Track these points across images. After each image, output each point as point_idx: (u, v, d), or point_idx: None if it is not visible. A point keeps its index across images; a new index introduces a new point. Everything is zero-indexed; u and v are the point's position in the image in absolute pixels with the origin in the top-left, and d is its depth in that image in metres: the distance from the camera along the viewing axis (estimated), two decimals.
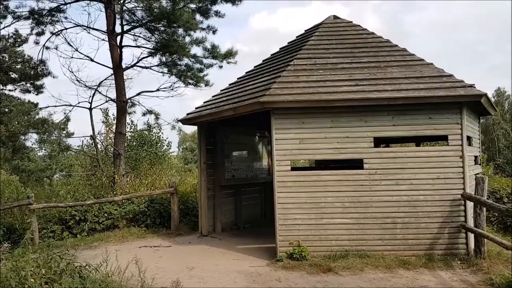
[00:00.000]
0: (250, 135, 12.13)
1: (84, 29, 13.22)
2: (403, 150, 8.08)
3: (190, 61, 13.80)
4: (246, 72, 10.59)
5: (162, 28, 13.01)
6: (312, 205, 7.44)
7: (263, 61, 10.71)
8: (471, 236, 7.15)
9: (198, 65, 14.00)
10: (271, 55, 10.76)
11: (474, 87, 7.23)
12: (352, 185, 7.44)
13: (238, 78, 10.51)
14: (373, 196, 7.39)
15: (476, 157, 8.96)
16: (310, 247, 7.32)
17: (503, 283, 5.65)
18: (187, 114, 10.01)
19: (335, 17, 10.39)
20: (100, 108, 15.56)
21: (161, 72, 14.23)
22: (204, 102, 10.11)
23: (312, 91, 7.56)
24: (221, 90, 10.33)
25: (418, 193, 7.28)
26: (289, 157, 7.58)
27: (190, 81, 14.23)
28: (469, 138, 7.79)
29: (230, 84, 10.41)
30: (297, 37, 10.77)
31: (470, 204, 7.23)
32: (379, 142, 10.30)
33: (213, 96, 10.21)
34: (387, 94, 7.22)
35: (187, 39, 13.22)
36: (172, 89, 14.48)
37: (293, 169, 7.72)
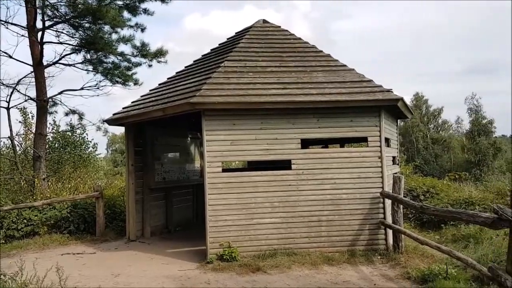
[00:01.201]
0: (182, 137, 11.98)
1: (2, 24, 12.24)
2: (327, 151, 8.46)
3: (118, 59, 13.30)
4: (177, 73, 10.45)
5: (87, 25, 12.41)
6: (242, 206, 7.52)
7: (194, 61, 10.64)
8: (390, 232, 7.64)
9: (126, 63, 13.53)
10: (202, 56, 10.73)
11: (392, 91, 7.75)
12: (281, 185, 7.64)
13: (168, 78, 10.34)
14: (300, 195, 7.64)
15: (394, 157, 9.59)
16: (240, 248, 7.39)
17: (418, 276, 6.08)
18: (114, 114, 9.65)
19: (264, 21, 10.61)
20: (19, 108, 14.46)
21: (86, 70, 13.56)
22: (132, 102, 9.82)
23: (242, 93, 7.65)
24: (150, 90, 10.10)
25: (341, 192, 7.66)
26: (220, 158, 7.60)
27: (118, 79, 13.70)
28: (387, 139, 8.32)
29: (159, 84, 10.21)
30: (227, 39, 10.84)
31: (388, 202, 7.73)
32: (306, 143, 10.68)
33: (141, 96, 9.95)
34: (313, 98, 7.52)
35: (114, 36, 12.74)
36: (98, 88, 13.86)
37: (224, 170, 7.75)
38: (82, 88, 13.63)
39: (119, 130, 52.77)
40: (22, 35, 12.50)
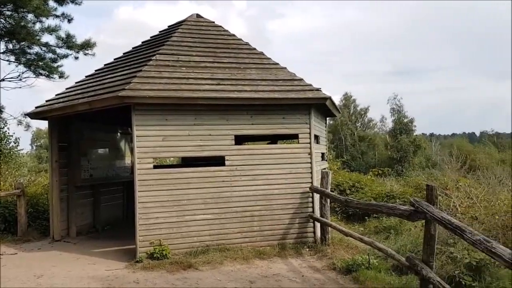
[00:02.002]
0: (111, 132, 11.50)
1: None
2: (260, 148, 8.60)
3: (42, 49, 12.48)
4: (105, 65, 9.98)
5: (8, 13, 11.49)
6: (174, 203, 7.41)
7: (123, 54, 10.24)
8: (318, 225, 7.96)
9: (51, 55, 12.73)
10: (133, 48, 10.36)
11: (321, 90, 8.06)
12: (214, 182, 7.63)
13: (96, 70, 9.86)
14: (233, 191, 7.70)
15: (323, 153, 9.99)
16: (171, 245, 7.27)
17: (343, 267, 6.40)
18: (36, 107, 9.03)
19: (198, 15, 10.50)
20: None
21: (7, 61, 12.57)
22: (56, 95, 9.24)
23: (175, 88, 7.52)
24: (76, 83, 9.57)
25: (273, 187, 7.83)
26: (152, 154, 7.42)
27: (42, 71, 12.87)
28: (317, 136, 8.64)
29: (86, 76, 9.70)
30: (160, 32, 10.57)
31: (317, 196, 8.04)
32: (241, 140, 10.76)
33: (66, 89, 9.40)
34: (246, 95, 7.59)
35: (38, 25, 11.93)
36: (21, 80, 12.92)
37: (156, 167, 7.58)
38: (2, 80, 12.62)
39: (44, 125, 49.46)
40: None
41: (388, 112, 59.30)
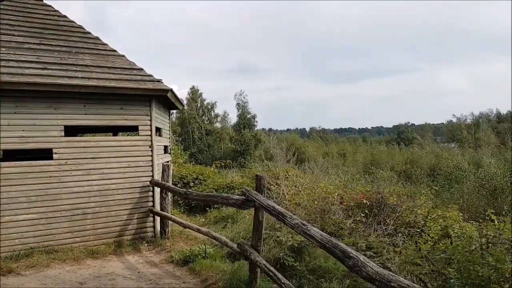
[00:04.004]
0: None
1: None
2: (95, 140, 8.05)
3: None
4: None
5: None
6: None
7: None
8: (158, 219, 7.85)
9: None
10: None
11: (162, 82, 7.91)
12: (39, 177, 6.89)
13: None
14: (63, 187, 7.06)
15: (166, 146, 9.86)
16: None
17: (181, 259, 6.45)
18: None
19: None
20: None
21: None
22: None
23: None
24: None
25: (109, 182, 7.41)
26: None
27: None
28: (158, 129, 8.49)
29: None
30: None
31: (157, 190, 7.91)
32: (74, 131, 9.91)
33: None
34: (78, 81, 6.99)
35: None
36: None
37: None
38: None
39: None
40: None
41: (234, 108, 62.02)
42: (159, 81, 7.87)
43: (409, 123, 76.26)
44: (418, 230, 6.33)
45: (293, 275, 5.26)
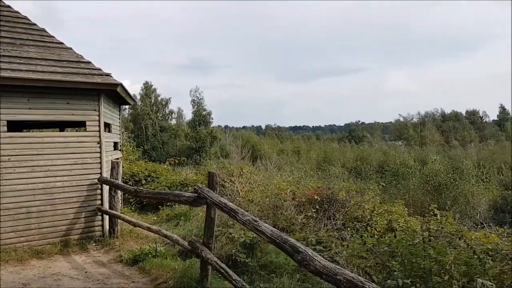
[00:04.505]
0: None
1: None
2: (39, 136, 7.71)
3: None
4: None
5: None
6: None
7: None
8: (107, 218, 7.62)
9: None
10: None
11: (111, 76, 7.67)
12: None
13: None
14: (6, 185, 6.72)
15: (116, 143, 9.58)
16: None
17: (130, 258, 6.30)
18: None
19: None
20: None
21: None
22: None
23: None
24: None
25: (55, 180, 7.11)
26: None
27: None
28: (108, 125, 8.23)
29: None
30: None
31: (106, 188, 7.67)
32: (18, 126, 9.42)
33: None
34: (22, 74, 6.65)
35: None
36: None
37: None
38: None
39: None
40: None
41: (189, 104, 61.31)
42: (108, 75, 7.62)
43: (359, 121, 78.96)
44: (365, 224, 6.58)
45: (245, 271, 5.30)
